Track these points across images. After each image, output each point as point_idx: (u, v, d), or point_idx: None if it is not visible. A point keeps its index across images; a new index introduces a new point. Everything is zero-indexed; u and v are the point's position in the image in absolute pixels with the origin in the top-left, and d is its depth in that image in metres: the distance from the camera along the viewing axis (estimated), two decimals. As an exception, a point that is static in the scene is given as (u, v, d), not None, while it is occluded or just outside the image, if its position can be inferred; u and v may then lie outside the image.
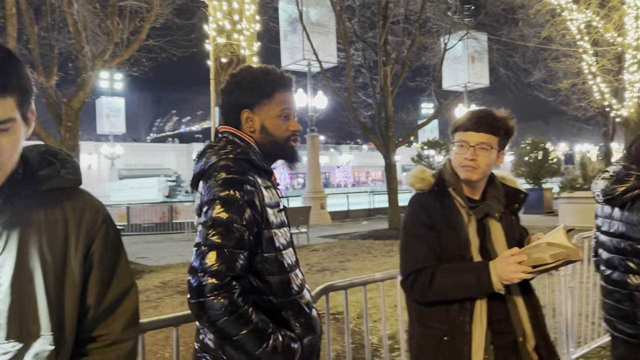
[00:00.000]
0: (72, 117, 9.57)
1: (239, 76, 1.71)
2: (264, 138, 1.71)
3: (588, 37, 10.84)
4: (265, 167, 1.66)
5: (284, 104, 1.71)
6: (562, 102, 19.24)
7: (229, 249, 1.44)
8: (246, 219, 1.49)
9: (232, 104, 1.70)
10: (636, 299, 2.46)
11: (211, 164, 1.59)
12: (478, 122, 1.87)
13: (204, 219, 1.50)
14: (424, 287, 1.83)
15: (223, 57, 4.85)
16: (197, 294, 1.41)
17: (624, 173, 2.51)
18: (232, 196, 1.49)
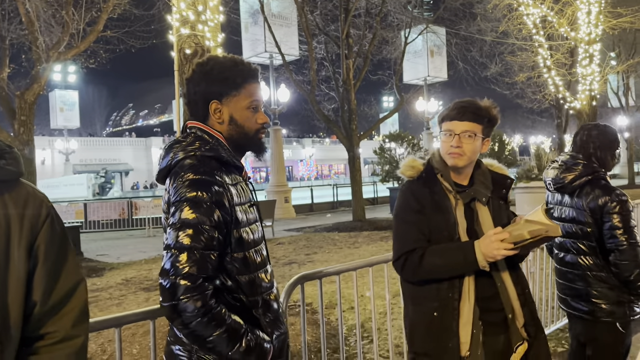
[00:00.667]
0: (26, 111, 9.21)
1: (207, 66, 1.67)
2: (233, 130, 1.68)
3: (543, 32, 11.20)
4: (235, 163, 1.64)
5: (253, 96, 1.69)
6: (518, 95, 19.84)
7: (199, 250, 1.44)
8: (215, 219, 1.48)
9: (200, 94, 1.66)
10: (588, 278, 2.64)
11: (178, 160, 1.57)
12: (462, 112, 1.99)
13: (173, 220, 1.49)
14: (414, 266, 1.95)
15: (187, 48, 4.76)
16: (169, 297, 1.40)
17: (572, 162, 2.70)
18: (199, 197, 1.48)
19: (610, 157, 2.72)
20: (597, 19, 10.16)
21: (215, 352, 1.46)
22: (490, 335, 1.96)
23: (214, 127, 1.67)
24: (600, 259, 2.62)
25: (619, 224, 2.52)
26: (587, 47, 10.44)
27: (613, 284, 2.60)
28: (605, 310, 2.61)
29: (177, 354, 1.54)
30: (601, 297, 2.61)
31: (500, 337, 1.99)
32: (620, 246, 2.50)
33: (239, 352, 1.46)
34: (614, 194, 2.56)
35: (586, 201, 2.60)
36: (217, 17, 5.28)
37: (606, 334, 2.64)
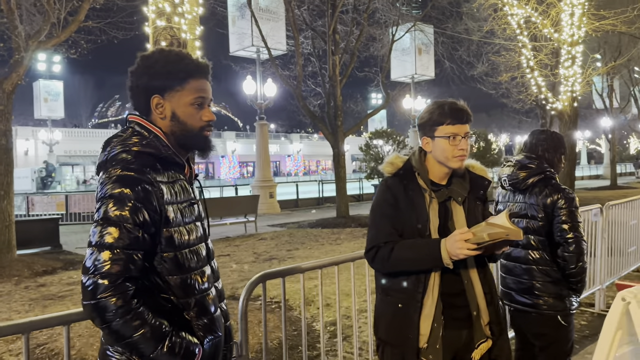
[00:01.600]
0: (4, 101, 9.02)
1: (152, 59, 1.62)
2: (175, 126, 1.62)
3: (527, 32, 11.26)
4: (175, 160, 1.59)
5: (198, 92, 1.63)
6: (503, 95, 19.96)
7: (121, 249, 1.40)
8: (139, 218, 1.44)
9: (142, 87, 1.61)
10: (534, 272, 2.81)
11: (113, 155, 1.53)
12: (462, 114, 2.05)
13: (96, 216, 1.45)
14: (383, 259, 2.03)
15: (163, 41, 4.69)
16: (89, 296, 1.38)
17: (527, 161, 2.89)
18: (124, 194, 1.44)
19: (557, 160, 2.94)
20: (580, 21, 10.22)
21: (138, 352, 1.43)
22: (453, 329, 2.03)
23: (156, 122, 1.62)
24: (547, 254, 2.79)
25: (568, 218, 2.72)
26: (570, 48, 10.52)
27: (555, 277, 2.77)
28: (548, 303, 2.76)
29: (109, 356, 1.51)
30: (544, 290, 2.77)
31: (463, 332, 2.05)
32: (568, 239, 2.70)
33: (162, 354, 1.43)
34: (564, 191, 2.77)
35: (539, 197, 2.79)
36: (195, 10, 5.22)
37: (549, 327, 2.78)
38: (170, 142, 1.62)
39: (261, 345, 4.58)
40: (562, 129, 11.44)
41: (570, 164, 11.32)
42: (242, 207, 13.91)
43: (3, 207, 8.93)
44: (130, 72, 1.64)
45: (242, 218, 13.59)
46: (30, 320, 1.72)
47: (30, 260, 9.19)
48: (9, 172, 9.10)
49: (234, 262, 9.10)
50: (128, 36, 11.48)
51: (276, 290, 6.34)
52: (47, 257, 9.92)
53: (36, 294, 7.10)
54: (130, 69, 1.64)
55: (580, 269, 2.71)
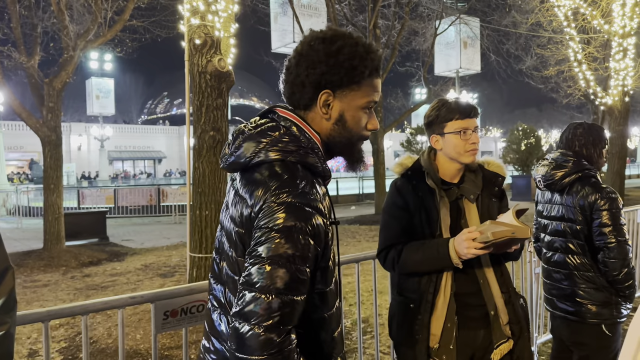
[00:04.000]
0: (54, 98, 9.44)
1: (334, 46, 1.28)
2: (337, 131, 1.34)
3: (575, 24, 10.80)
4: (327, 175, 1.33)
5: (373, 95, 1.35)
6: (552, 89, 19.24)
7: (291, 295, 1.15)
8: (311, 257, 1.18)
9: (312, 78, 1.29)
10: (575, 277, 2.62)
11: (261, 161, 1.25)
12: (470, 108, 2.03)
13: (259, 251, 1.16)
14: (393, 261, 2.04)
15: (197, 39, 4.77)
16: (247, 350, 1.13)
17: (562, 159, 2.69)
18: (298, 228, 1.16)
19: (597, 155, 2.70)
20: (632, 11, 9.68)
21: None
22: (469, 329, 1.99)
23: (314, 122, 1.34)
24: (588, 258, 2.60)
25: (609, 221, 2.50)
26: (621, 40, 10.00)
27: (600, 284, 2.57)
28: (591, 311, 2.57)
29: None
30: (587, 297, 2.59)
31: (480, 333, 2.01)
32: (609, 244, 2.49)
33: None
34: (604, 191, 2.54)
35: (576, 198, 2.59)
36: (230, 8, 5.28)
37: (592, 337, 2.60)
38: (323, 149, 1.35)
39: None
40: (612, 125, 10.92)
41: (621, 162, 10.78)
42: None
43: (53, 200, 9.36)
44: (299, 55, 1.32)
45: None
46: (47, 310, 1.78)
47: (77, 251, 9.61)
48: (58, 167, 9.52)
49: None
50: (170, 35, 11.77)
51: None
52: (93, 249, 10.35)
53: (81, 283, 7.42)
54: (299, 50, 1.32)
55: (626, 276, 2.48)
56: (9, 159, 34.30)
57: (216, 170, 4.96)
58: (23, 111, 9.40)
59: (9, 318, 1.19)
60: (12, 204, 18.19)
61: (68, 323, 5.19)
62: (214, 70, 4.85)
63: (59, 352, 4.51)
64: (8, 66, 10.68)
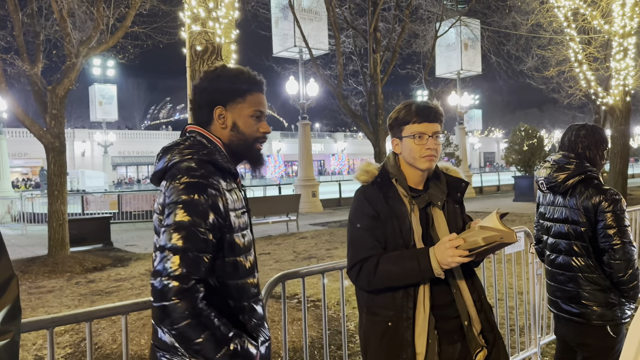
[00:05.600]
0: (57, 105, 9.50)
1: (215, 73, 1.72)
2: (234, 136, 1.71)
3: (575, 25, 10.80)
4: (231, 169, 1.66)
5: (257, 105, 1.73)
6: (554, 90, 19.22)
7: (192, 252, 1.44)
8: (209, 222, 1.49)
9: (205, 99, 1.71)
10: (580, 279, 2.62)
11: (174, 162, 1.58)
12: (429, 113, 1.95)
13: (167, 222, 1.49)
14: (369, 275, 1.89)
15: (198, 45, 4.80)
16: (160, 298, 1.41)
17: (565, 161, 2.67)
18: (195, 200, 1.49)
19: (599, 157, 2.70)
20: (632, 11, 9.68)
21: (202, 355, 1.44)
22: (447, 344, 1.92)
23: (216, 132, 1.71)
24: (593, 260, 2.60)
25: (613, 223, 2.50)
26: (622, 40, 10.00)
27: (604, 285, 2.58)
28: (596, 313, 2.58)
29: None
30: (592, 299, 2.59)
31: (457, 346, 1.95)
32: (614, 246, 2.49)
33: (226, 356, 1.44)
34: (607, 193, 2.54)
35: (579, 200, 2.59)
36: (231, 14, 5.31)
37: (596, 338, 2.61)
38: (227, 152, 1.70)
39: (294, 343, 4.64)
40: (613, 125, 10.92)
41: (623, 162, 10.77)
42: (284, 206, 14.06)
43: (57, 207, 9.40)
44: (194, 86, 1.75)
45: (284, 217, 13.74)
46: (52, 317, 1.80)
47: (82, 257, 9.65)
48: (62, 173, 9.56)
49: (274, 260, 9.23)
50: (172, 41, 11.83)
51: (313, 289, 6.40)
52: (97, 254, 10.39)
53: (86, 289, 7.46)
54: (194, 83, 1.76)
55: (631, 277, 2.49)
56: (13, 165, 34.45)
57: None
58: (26, 118, 9.46)
59: (14, 326, 1.21)
60: (17, 211, 18.26)
61: (73, 329, 5.22)
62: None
63: (64, 357, 4.54)
64: (11, 74, 10.75)
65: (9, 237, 14.48)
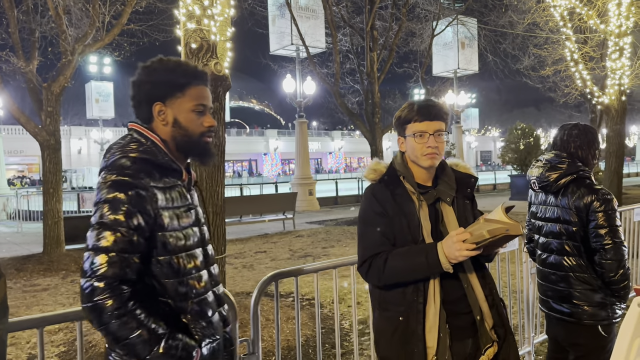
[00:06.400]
0: (52, 102, 9.46)
1: (151, 67, 1.66)
2: (177, 132, 1.66)
3: (571, 24, 10.81)
4: (172, 166, 1.62)
5: (198, 99, 1.67)
6: (550, 89, 19.27)
7: (116, 252, 1.43)
8: (134, 222, 1.47)
9: (144, 95, 1.66)
10: (571, 279, 2.62)
11: (112, 161, 1.56)
12: (432, 111, 1.97)
13: (92, 221, 1.48)
14: (378, 271, 1.92)
15: (193, 43, 4.79)
16: (87, 298, 1.41)
17: (557, 161, 2.68)
18: (118, 198, 1.47)
19: (591, 157, 2.71)
20: (628, 10, 9.70)
21: (134, 354, 1.45)
22: (458, 339, 1.94)
23: (157, 129, 1.66)
24: (584, 260, 2.60)
25: (605, 223, 2.51)
26: (617, 40, 10.02)
27: (596, 285, 2.58)
28: (587, 313, 2.59)
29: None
30: (583, 299, 2.60)
31: (469, 341, 1.97)
32: (605, 245, 2.50)
33: (159, 355, 1.45)
34: (599, 192, 2.55)
35: (571, 200, 2.59)
36: (227, 12, 5.29)
37: (588, 337, 2.62)
38: (170, 149, 1.66)
39: (289, 342, 4.65)
40: (609, 124, 10.94)
41: (618, 161, 10.79)
42: (280, 204, 14.06)
43: (52, 205, 9.38)
44: (132, 82, 1.68)
45: (280, 215, 13.74)
46: (42, 316, 1.80)
47: (77, 255, 9.61)
48: (57, 171, 9.53)
49: (270, 259, 9.23)
50: (168, 38, 11.79)
51: (309, 287, 6.41)
52: (93, 252, 10.34)
53: (81, 287, 7.44)
54: (132, 79, 1.68)
55: (622, 277, 2.50)
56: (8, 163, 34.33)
57: (213, 173, 4.98)
58: (21, 116, 9.42)
59: (1, 325, 1.21)
60: (12, 208, 18.20)
61: (67, 327, 5.21)
62: (210, 74, 4.87)
63: (57, 356, 4.53)
64: (6, 71, 10.70)
65: (4, 234, 14.44)
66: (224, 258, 5.29)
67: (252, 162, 62.66)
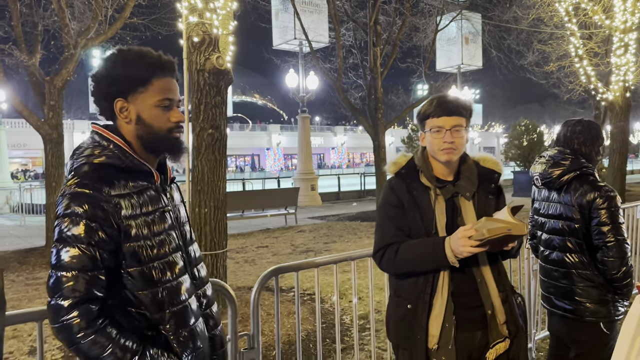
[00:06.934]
0: (55, 96, 9.46)
1: (110, 60, 1.51)
2: (141, 130, 1.53)
3: (576, 20, 10.74)
4: (141, 168, 1.52)
5: (163, 93, 1.52)
6: (554, 85, 19.17)
7: (78, 270, 1.36)
8: (94, 237, 1.38)
9: (103, 92, 1.52)
10: (573, 276, 2.62)
11: (75, 167, 1.47)
12: (449, 107, 2.00)
13: (55, 237, 1.41)
14: (389, 260, 2.02)
15: (195, 37, 4.78)
16: (54, 318, 1.36)
17: (560, 157, 2.66)
18: (77, 212, 1.38)
19: (595, 153, 2.68)
20: (634, 6, 9.61)
21: None
22: (466, 331, 1.98)
23: (121, 127, 1.54)
24: (587, 257, 2.60)
25: (607, 220, 2.50)
26: (623, 35, 9.95)
27: (598, 282, 2.58)
28: (589, 309, 2.58)
29: None
30: (585, 295, 2.59)
31: (477, 334, 2.00)
32: (608, 243, 2.49)
33: None
34: (602, 189, 2.53)
35: (574, 197, 2.58)
36: (229, 5, 5.28)
37: (590, 334, 2.61)
38: (137, 148, 1.54)
39: (289, 336, 4.65)
40: (613, 121, 10.89)
41: (622, 158, 10.74)
42: (282, 199, 14.06)
43: (55, 198, 9.36)
44: (90, 77, 1.54)
45: (282, 210, 13.74)
46: (40, 309, 1.79)
47: (79, 249, 9.63)
48: (60, 165, 9.54)
49: (271, 254, 9.23)
50: (171, 32, 11.77)
51: (310, 282, 6.41)
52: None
53: (83, 280, 7.46)
54: (91, 73, 1.55)
55: (625, 274, 2.50)
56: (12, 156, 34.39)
57: (215, 168, 4.98)
58: (24, 109, 9.43)
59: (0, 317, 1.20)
60: (16, 201, 18.25)
61: (69, 320, 5.22)
62: (212, 68, 4.86)
63: (59, 349, 4.55)
64: (9, 64, 10.70)
65: (7, 227, 14.49)
66: (226, 252, 5.30)
67: (254, 157, 62.70)
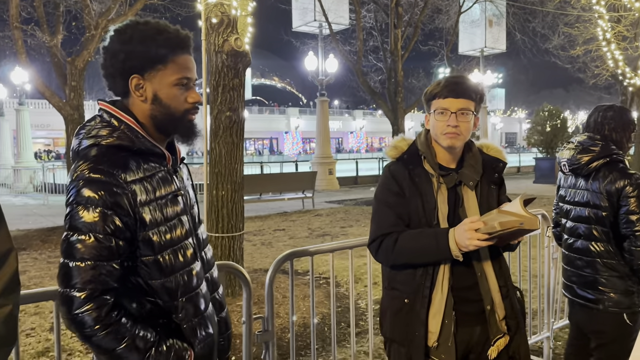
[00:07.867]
0: (76, 77, 9.55)
1: (126, 34, 1.41)
2: (157, 110, 1.44)
3: (604, 2, 10.39)
4: (154, 151, 1.44)
5: (182, 71, 1.44)
6: (580, 69, 18.71)
7: (93, 261, 1.30)
8: (110, 226, 1.32)
9: (118, 67, 1.42)
10: (598, 265, 2.56)
11: (82, 148, 1.40)
12: (456, 88, 1.86)
13: (66, 225, 1.34)
14: (387, 251, 1.88)
15: (213, 17, 4.74)
16: (66, 311, 1.31)
17: (590, 143, 2.59)
18: (92, 200, 1.31)
19: (625, 140, 2.61)
20: (666, -13, 9.31)
21: None
22: (465, 326, 1.89)
23: (134, 106, 1.46)
24: (613, 246, 2.53)
25: (636, 208, 2.42)
26: (653, 18, 9.63)
27: (623, 272, 2.51)
28: (612, 300, 2.53)
29: None
30: (609, 285, 2.53)
31: (477, 329, 1.91)
32: (636, 232, 2.42)
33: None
34: (633, 177, 2.46)
35: (603, 184, 2.50)
36: (248, -14, 5.21)
37: (612, 325, 2.56)
38: (149, 129, 1.46)
39: (303, 319, 4.67)
40: (640, 107, 10.60)
41: (649, 145, 10.49)
42: (300, 183, 14.07)
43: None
44: (103, 49, 1.44)
45: (300, 194, 13.77)
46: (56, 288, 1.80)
47: (100, 228, 9.80)
48: (80, 146, 9.66)
49: (288, 237, 9.27)
50: (190, 13, 11.74)
51: (326, 266, 6.42)
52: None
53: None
54: (103, 45, 1.45)
55: None
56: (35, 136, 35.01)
57: (232, 150, 4.97)
58: (46, 90, 9.55)
59: (10, 300, 1.20)
60: (39, 181, 18.62)
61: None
62: (230, 50, 4.82)
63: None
64: (32, 45, 10.82)
65: (31, 207, 14.80)
66: (242, 235, 5.32)
67: (273, 141, 62.80)
